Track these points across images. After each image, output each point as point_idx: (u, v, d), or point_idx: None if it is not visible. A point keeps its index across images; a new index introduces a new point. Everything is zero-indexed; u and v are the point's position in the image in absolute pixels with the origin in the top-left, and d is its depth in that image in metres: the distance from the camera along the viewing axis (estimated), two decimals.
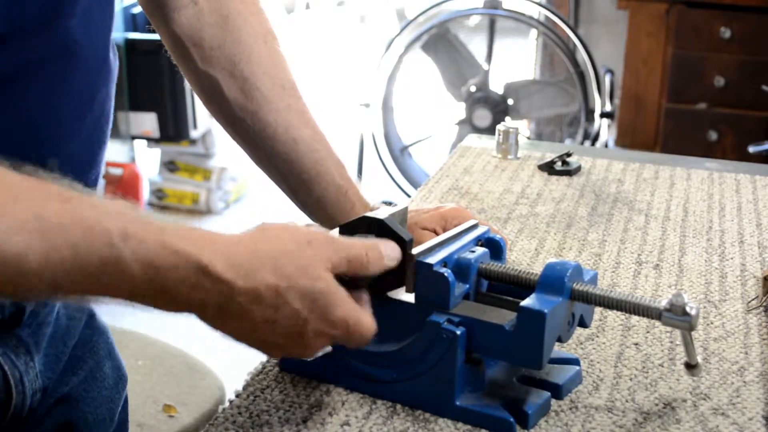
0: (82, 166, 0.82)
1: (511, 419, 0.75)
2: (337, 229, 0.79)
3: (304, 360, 0.82)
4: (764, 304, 0.99)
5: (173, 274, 0.63)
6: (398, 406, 0.79)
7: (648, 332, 0.93)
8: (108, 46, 0.83)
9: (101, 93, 0.83)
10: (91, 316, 0.93)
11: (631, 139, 3.44)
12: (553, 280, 0.75)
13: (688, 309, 0.72)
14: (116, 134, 3.46)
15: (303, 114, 1.00)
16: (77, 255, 0.60)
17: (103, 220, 0.61)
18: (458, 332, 0.75)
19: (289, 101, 0.99)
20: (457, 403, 0.76)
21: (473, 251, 0.81)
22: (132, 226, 0.62)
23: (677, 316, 0.73)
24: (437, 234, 0.97)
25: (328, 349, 0.82)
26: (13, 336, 0.81)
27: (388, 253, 0.75)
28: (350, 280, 0.73)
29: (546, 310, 0.72)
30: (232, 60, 0.97)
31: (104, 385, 0.93)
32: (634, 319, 0.95)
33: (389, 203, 0.88)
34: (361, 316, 0.71)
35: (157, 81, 3.41)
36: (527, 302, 0.73)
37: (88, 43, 0.79)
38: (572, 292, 0.75)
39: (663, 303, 0.73)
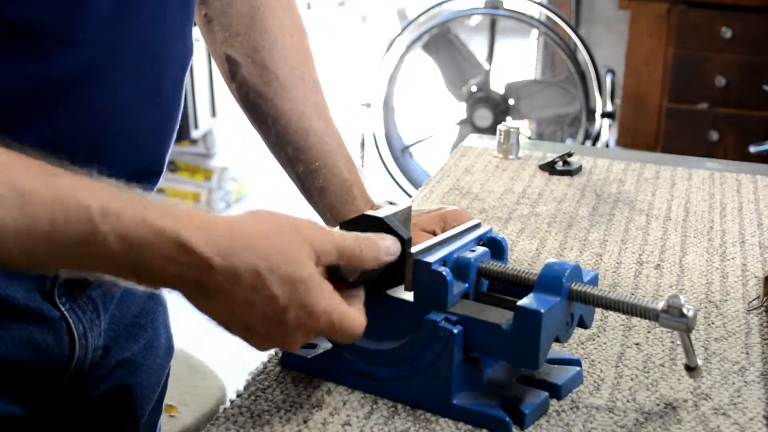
0: (149, 161, 0.84)
1: (507, 419, 0.75)
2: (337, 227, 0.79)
3: (305, 357, 0.83)
4: (765, 304, 0.99)
5: (151, 250, 0.62)
6: (399, 406, 0.79)
7: (649, 332, 0.93)
8: (184, 43, 0.86)
9: (168, 85, 0.84)
10: None
11: (632, 139, 3.44)
12: (551, 280, 0.75)
13: (685, 310, 0.72)
14: None
15: (318, 107, 1.02)
16: (55, 229, 0.60)
17: (83, 196, 0.61)
18: (455, 331, 0.75)
19: (306, 93, 1.01)
20: (454, 401, 0.76)
21: (473, 250, 0.81)
22: (113, 203, 0.62)
23: (674, 318, 0.72)
24: (436, 236, 0.97)
25: (328, 345, 0.82)
26: (83, 294, 0.84)
27: (387, 245, 0.74)
28: (345, 276, 0.73)
29: (542, 310, 0.72)
30: (255, 47, 0.99)
31: (158, 354, 0.97)
32: (635, 319, 0.94)
33: (392, 204, 0.88)
34: (347, 312, 0.69)
35: None
36: (524, 302, 0.73)
37: (161, 43, 0.81)
38: (570, 293, 0.75)
39: (660, 304, 0.73)
